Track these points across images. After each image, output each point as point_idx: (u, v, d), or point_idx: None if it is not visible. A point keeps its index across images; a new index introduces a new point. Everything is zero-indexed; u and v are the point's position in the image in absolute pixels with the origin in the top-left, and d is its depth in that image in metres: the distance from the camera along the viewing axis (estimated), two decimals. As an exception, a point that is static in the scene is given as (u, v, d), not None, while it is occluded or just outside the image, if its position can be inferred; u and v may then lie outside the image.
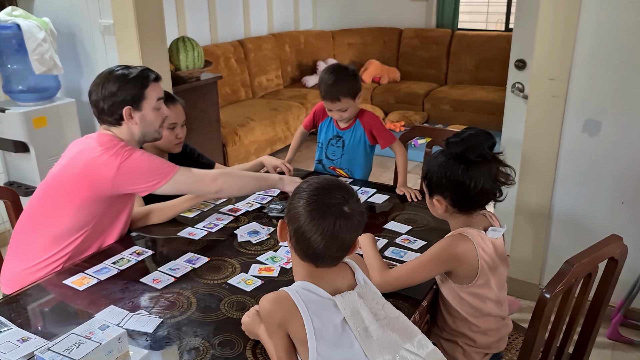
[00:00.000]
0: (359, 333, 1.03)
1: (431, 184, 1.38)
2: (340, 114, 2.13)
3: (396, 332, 1.07)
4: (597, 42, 2.09)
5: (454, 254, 1.34)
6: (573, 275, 1.24)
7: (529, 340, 1.29)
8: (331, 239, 1.05)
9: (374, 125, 2.18)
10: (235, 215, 1.88)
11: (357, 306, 1.06)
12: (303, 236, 1.06)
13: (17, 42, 2.72)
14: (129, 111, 1.63)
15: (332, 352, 1.02)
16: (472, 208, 1.38)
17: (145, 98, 1.65)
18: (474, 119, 5.05)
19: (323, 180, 1.10)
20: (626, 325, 2.31)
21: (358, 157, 2.23)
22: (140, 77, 1.64)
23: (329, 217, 1.04)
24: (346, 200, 1.06)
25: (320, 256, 1.07)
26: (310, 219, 1.04)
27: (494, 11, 6.00)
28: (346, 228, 1.05)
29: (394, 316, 1.10)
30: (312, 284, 1.08)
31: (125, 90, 1.61)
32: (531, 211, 2.40)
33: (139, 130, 1.67)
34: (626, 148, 2.14)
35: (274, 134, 4.53)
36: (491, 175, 1.32)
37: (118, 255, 1.62)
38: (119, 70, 1.64)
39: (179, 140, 1.98)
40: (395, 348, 1.04)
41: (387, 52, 5.91)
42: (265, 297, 1.08)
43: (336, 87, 2.06)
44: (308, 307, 1.03)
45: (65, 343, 1.06)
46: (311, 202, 1.05)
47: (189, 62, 3.51)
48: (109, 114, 1.63)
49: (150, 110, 1.67)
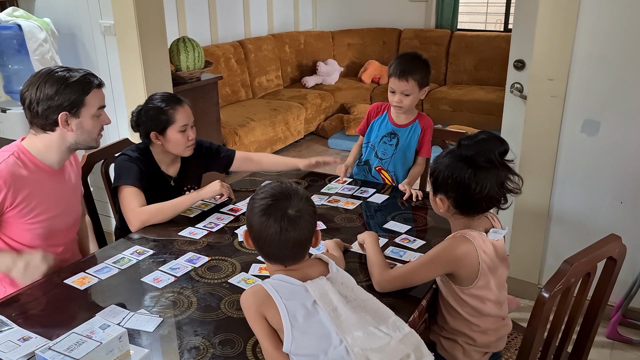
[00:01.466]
0: (329, 313, 1.09)
1: (436, 182, 1.38)
2: (401, 99, 2.05)
3: (369, 314, 1.13)
4: (595, 42, 2.09)
5: (454, 256, 1.34)
6: (572, 275, 1.25)
7: (528, 339, 1.29)
8: (282, 241, 1.12)
9: (429, 131, 2.15)
10: (235, 214, 1.88)
11: (325, 289, 1.13)
12: (259, 242, 1.15)
13: (18, 42, 2.72)
14: (65, 117, 1.52)
15: (305, 332, 1.08)
16: (475, 212, 1.38)
17: (85, 105, 1.54)
18: (473, 119, 5.06)
19: (271, 188, 1.17)
20: (625, 324, 2.32)
21: (408, 160, 2.18)
22: (82, 82, 1.53)
23: (273, 223, 1.11)
24: (289, 204, 1.13)
25: (280, 257, 1.16)
26: (261, 226, 1.12)
27: (493, 12, 6.01)
28: (293, 229, 1.12)
29: (364, 298, 1.16)
30: (285, 275, 1.15)
31: (64, 94, 1.50)
32: (530, 211, 2.41)
33: (74, 138, 1.57)
34: (625, 148, 2.15)
35: (274, 134, 4.53)
36: (498, 182, 1.32)
37: (119, 254, 1.62)
38: (60, 72, 1.53)
39: (191, 143, 1.92)
40: (364, 325, 1.10)
41: (387, 53, 5.91)
42: (243, 293, 1.16)
43: (411, 66, 2.02)
44: (280, 294, 1.10)
45: (66, 342, 1.06)
46: (259, 210, 1.13)
47: (189, 63, 3.52)
48: (42, 117, 1.52)
49: (89, 118, 1.57)
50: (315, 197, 2.01)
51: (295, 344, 1.08)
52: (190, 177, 2.06)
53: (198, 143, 2.05)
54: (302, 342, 1.08)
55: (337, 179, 2.18)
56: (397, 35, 5.90)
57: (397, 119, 2.17)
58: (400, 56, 2.08)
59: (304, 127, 4.98)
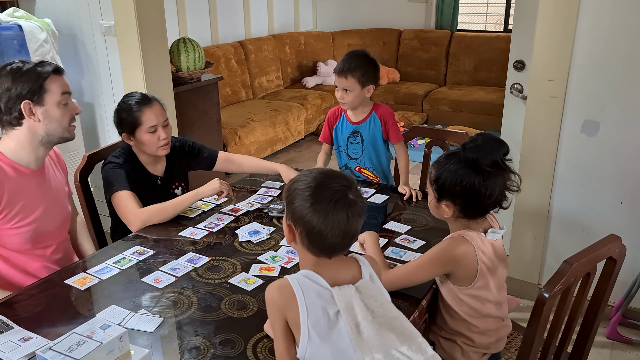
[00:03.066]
0: (351, 328, 1.03)
1: (442, 188, 1.36)
2: (342, 95, 2.09)
3: (393, 332, 1.06)
4: (595, 43, 2.09)
5: (453, 256, 1.34)
6: (572, 275, 1.25)
7: (528, 339, 1.30)
8: (346, 230, 1.06)
9: (389, 118, 2.16)
10: (236, 215, 1.88)
11: (351, 300, 1.06)
12: (318, 235, 1.06)
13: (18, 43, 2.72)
14: (29, 106, 1.50)
15: (323, 340, 1.03)
16: (480, 215, 1.38)
17: (47, 91, 1.52)
18: (473, 119, 5.06)
19: (318, 175, 1.09)
20: (625, 324, 2.32)
21: (380, 152, 2.21)
22: (35, 69, 1.51)
23: (340, 211, 1.04)
24: (348, 188, 1.07)
25: (336, 248, 1.09)
26: (322, 217, 1.04)
27: (493, 12, 6.01)
28: (356, 214, 1.06)
29: (392, 316, 1.09)
30: (315, 273, 1.08)
31: (20, 83, 1.48)
32: (530, 211, 2.41)
33: (43, 129, 1.54)
34: (625, 148, 2.15)
35: (274, 135, 4.53)
36: (504, 184, 1.33)
37: (119, 255, 1.62)
38: (14, 64, 1.52)
39: (164, 142, 1.90)
40: (388, 347, 1.03)
41: (387, 53, 5.92)
42: (270, 285, 1.10)
43: (352, 64, 2.04)
44: (305, 294, 1.04)
45: (67, 342, 1.06)
46: (317, 201, 1.05)
47: (189, 63, 3.52)
48: (6, 112, 1.50)
49: (55, 106, 1.54)
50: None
51: (310, 352, 1.04)
52: (177, 175, 2.07)
53: (181, 142, 2.07)
54: (318, 351, 1.03)
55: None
56: (397, 35, 5.90)
57: (353, 117, 2.19)
58: (347, 53, 2.10)
59: (304, 128, 4.98)
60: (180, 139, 2.08)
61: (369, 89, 2.10)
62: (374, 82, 2.10)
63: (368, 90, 2.10)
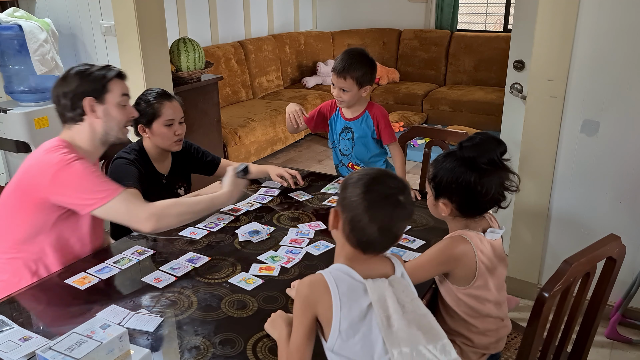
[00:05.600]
0: (382, 320, 1.04)
1: (439, 187, 1.37)
2: (340, 94, 2.10)
3: (420, 330, 1.06)
4: (595, 42, 2.10)
5: (452, 256, 1.34)
6: (571, 275, 1.25)
7: (528, 339, 1.30)
8: (387, 228, 1.07)
9: (382, 118, 2.17)
10: (236, 214, 1.89)
11: (384, 293, 1.06)
12: (359, 225, 1.07)
13: (18, 42, 2.73)
14: (91, 102, 1.58)
15: (354, 332, 1.04)
16: (477, 213, 1.39)
17: (109, 91, 1.61)
18: (473, 119, 5.06)
19: (377, 171, 1.12)
20: (624, 324, 2.32)
21: (370, 149, 2.22)
22: (102, 71, 1.62)
23: (387, 207, 1.06)
24: (401, 190, 1.08)
25: (373, 244, 1.09)
26: (368, 208, 1.05)
27: (492, 12, 6.01)
28: (402, 217, 1.08)
29: (421, 313, 1.09)
30: (348, 267, 1.09)
31: (86, 83, 1.59)
32: (530, 211, 2.41)
33: (102, 127, 1.62)
34: (624, 148, 2.15)
35: (274, 135, 4.54)
36: (500, 183, 1.33)
37: (119, 254, 1.63)
38: (81, 66, 1.63)
39: (178, 138, 1.97)
40: (415, 343, 1.04)
41: (387, 53, 5.92)
42: (302, 281, 1.11)
43: (351, 64, 2.04)
44: (338, 287, 1.05)
45: (67, 342, 1.06)
46: (368, 192, 1.06)
47: (189, 63, 3.52)
48: (70, 109, 1.59)
49: (115, 106, 1.62)
50: (316, 198, 2.02)
51: (339, 344, 1.04)
52: (181, 175, 2.11)
53: (187, 144, 2.11)
54: (347, 343, 1.04)
55: (337, 179, 2.19)
56: (397, 35, 5.90)
57: (347, 113, 2.21)
58: (345, 52, 2.10)
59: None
60: (186, 142, 2.12)
61: (365, 89, 2.11)
62: (371, 83, 2.12)
63: (365, 90, 2.11)
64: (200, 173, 2.18)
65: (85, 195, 1.52)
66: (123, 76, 1.67)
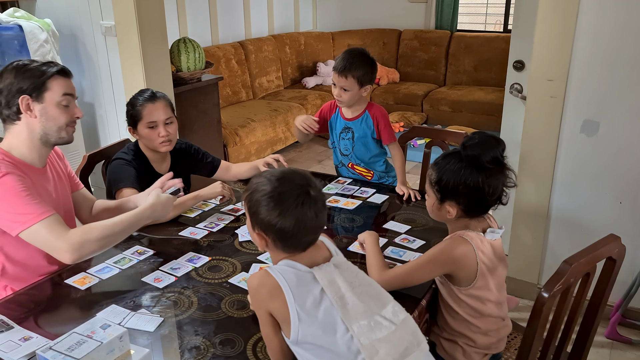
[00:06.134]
0: (336, 301, 1.08)
1: (446, 189, 1.36)
2: (340, 93, 2.11)
3: (372, 300, 1.12)
4: (595, 43, 2.10)
5: (452, 257, 1.34)
6: (571, 275, 1.25)
7: (528, 339, 1.30)
8: (314, 225, 1.11)
9: (382, 118, 2.17)
10: (236, 215, 1.89)
11: (333, 276, 1.11)
12: (292, 238, 1.10)
13: (19, 43, 2.73)
14: (27, 101, 1.49)
15: (312, 320, 1.07)
16: (482, 212, 1.39)
17: (48, 89, 1.51)
18: (473, 119, 5.06)
19: (275, 180, 1.10)
20: (624, 324, 2.32)
21: (370, 149, 2.22)
22: (40, 67, 1.52)
23: (307, 211, 1.08)
24: (307, 185, 1.10)
25: (307, 242, 1.14)
26: (292, 221, 1.08)
27: (492, 12, 6.01)
28: (322, 209, 1.11)
29: (367, 283, 1.16)
30: (292, 261, 1.13)
31: (23, 79, 1.49)
32: (530, 211, 2.41)
33: (40, 127, 1.52)
34: (624, 148, 2.15)
35: (274, 135, 4.54)
36: (504, 181, 1.35)
37: (119, 254, 1.63)
38: (20, 61, 1.54)
39: (164, 139, 1.92)
40: (370, 314, 1.09)
41: (387, 54, 5.92)
42: (251, 277, 1.14)
43: (352, 63, 2.05)
44: (288, 282, 1.08)
45: (67, 342, 1.07)
46: (283, 209, 1.07)
47: (190, 63, 3.52)
48: (6, 106, 1.51)
49: (54, 105, 1.52)
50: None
51: (301, 333, 1.06)
52: (180, 175, 2.07)
53: (187, 144, 2.11)
54: (308, 331, 1.07)
55: (337, 179, 2.19)
56: (397, 36, 5.90)
57: (347, 113, 2.22)
58: (346, 51, 2.10)
59: (304, 128, 4.98)
60: (186, 142, 2.12)
61: (366, 88, 2.12)
62: (371, 82, 2.12)
63: (365, 89, 2.12)
64: (200, 174, 2.18)
65: (8, 216, 1.42)
66: (67, 74, 1.57)
